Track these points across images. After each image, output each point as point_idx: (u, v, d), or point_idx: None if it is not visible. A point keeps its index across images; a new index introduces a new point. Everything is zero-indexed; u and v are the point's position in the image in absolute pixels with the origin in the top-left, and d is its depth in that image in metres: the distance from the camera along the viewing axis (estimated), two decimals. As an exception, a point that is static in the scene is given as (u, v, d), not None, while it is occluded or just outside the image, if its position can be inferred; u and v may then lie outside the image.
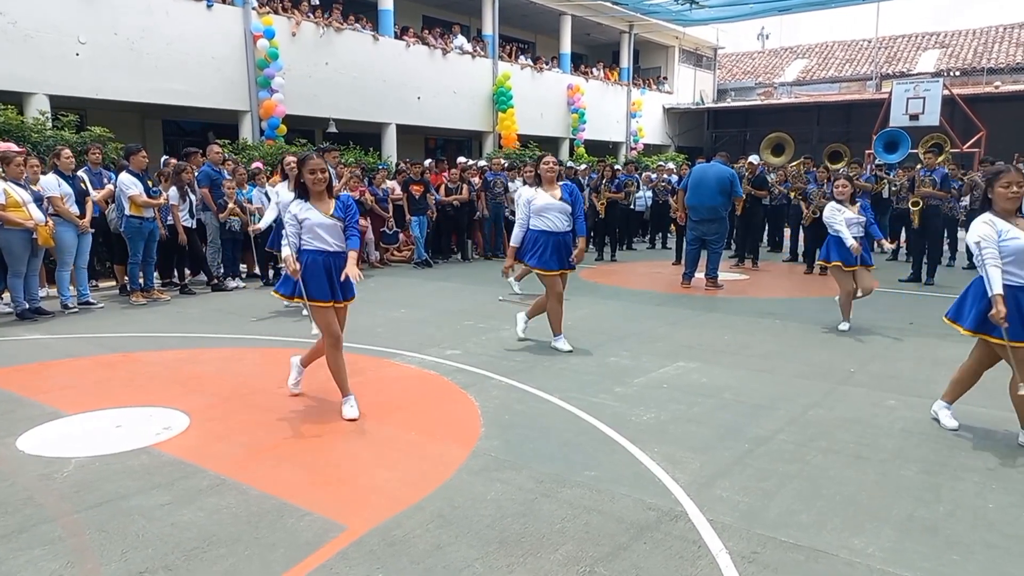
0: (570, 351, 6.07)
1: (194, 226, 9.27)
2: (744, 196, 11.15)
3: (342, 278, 4.34)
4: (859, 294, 7.10)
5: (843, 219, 6.82)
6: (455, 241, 13.07)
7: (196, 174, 9.37)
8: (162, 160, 10.49)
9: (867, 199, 12.13)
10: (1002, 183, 3.89)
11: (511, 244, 6.26)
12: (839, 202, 6.97)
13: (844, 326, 6.99)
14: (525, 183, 9.10)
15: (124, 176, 8.12)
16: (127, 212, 8.12)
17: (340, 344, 4.45)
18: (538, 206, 6.00)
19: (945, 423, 4.29)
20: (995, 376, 5.34)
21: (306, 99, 15.09)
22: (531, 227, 6.04)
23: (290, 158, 7.73)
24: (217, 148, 9.97)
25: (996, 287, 3.74)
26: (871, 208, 7.67)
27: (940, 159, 12.09)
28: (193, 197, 9.22)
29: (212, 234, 9.54)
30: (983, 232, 3.86)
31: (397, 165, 13.63)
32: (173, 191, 8.90)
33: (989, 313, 3.77)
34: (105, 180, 8.85)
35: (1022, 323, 3.82)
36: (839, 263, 6.85)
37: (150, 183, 8.31)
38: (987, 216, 3.95)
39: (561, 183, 6.11)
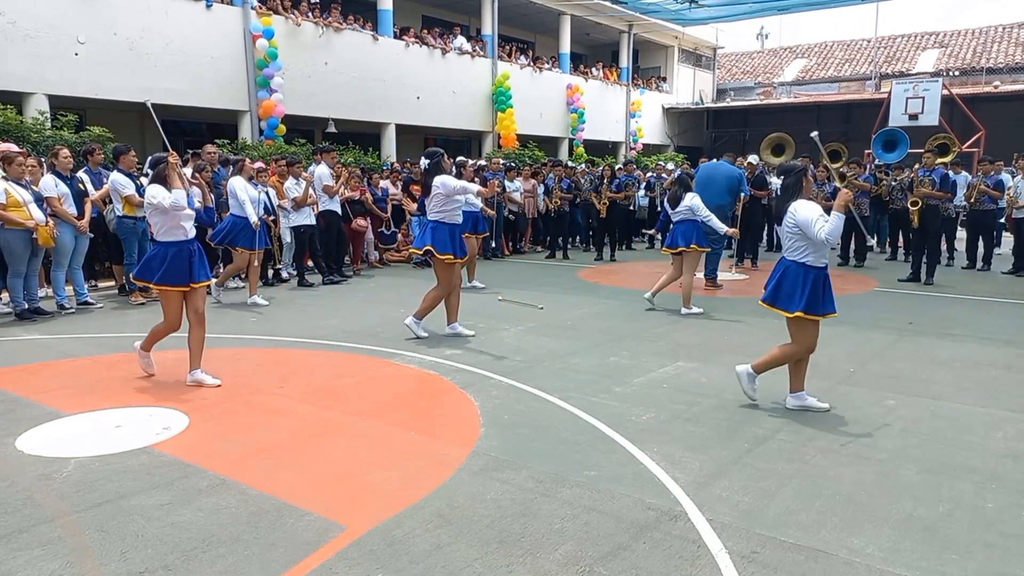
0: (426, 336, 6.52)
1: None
2: (747, 195, 11.14)
3: None
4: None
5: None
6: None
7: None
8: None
9: (867, 198, 12.19)
10: None
11: None
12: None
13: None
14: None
15: (118, 175, 8.08)
16: (119, 212, 8.10)
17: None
18: None
19: None
20: (995, 376, 5.37)
21: (305, 99, 15.09)
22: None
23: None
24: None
25: None
26: (872, 207, 7.67)
27: (947, 159, 12.07)
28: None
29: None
30: None
31: (391, 165, 13.61)
32: (195, 190, 8.88)
33: None
34: (104, 180, 8.83)
35: None
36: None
37: (139, 183, 8.29)
38: None
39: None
